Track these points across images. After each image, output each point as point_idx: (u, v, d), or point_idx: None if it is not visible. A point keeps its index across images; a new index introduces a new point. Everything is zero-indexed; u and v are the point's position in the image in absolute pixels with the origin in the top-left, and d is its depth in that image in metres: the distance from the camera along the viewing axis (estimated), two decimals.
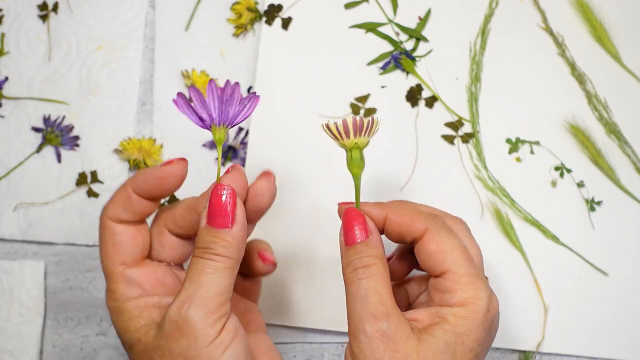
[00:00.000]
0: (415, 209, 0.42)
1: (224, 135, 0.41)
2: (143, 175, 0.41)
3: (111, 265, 0.42)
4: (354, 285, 0.39)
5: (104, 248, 0.42)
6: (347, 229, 0.41)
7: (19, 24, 0.63)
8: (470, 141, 0.59)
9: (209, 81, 0.40)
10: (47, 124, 0.61)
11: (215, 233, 0.39)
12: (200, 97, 0.40)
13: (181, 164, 0.41)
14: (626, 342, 0.56)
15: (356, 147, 0.41)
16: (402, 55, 0.60)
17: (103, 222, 0.42)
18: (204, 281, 0.38)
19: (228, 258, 0.38)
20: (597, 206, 0.58)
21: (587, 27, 0.61)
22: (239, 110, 0.41)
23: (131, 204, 0.42)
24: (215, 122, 0.41)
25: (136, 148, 0.60)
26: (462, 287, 0.38)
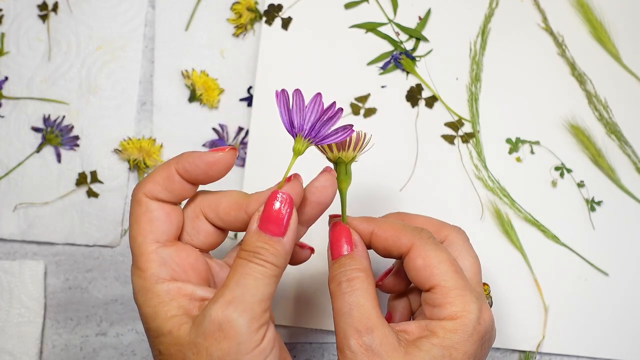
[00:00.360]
0: (400, 223, 0.42)
1: (304, 150, 0.40)
2: (190, 157, 0.40)
3: (144, 242, 0.39)
4: (338, 300, 0.39)
5: (137, 224, 0.40)
6: (333, 242, 0.41)
7: (19, 24, 0.63)
8: (471, 141, 0.59)
9: (316, 93, 0.39)
10: (47, 123, 0.61)
11: (267, 240, 0.38)
12: (301, 104, 0.39)
13: (231, 153, 0.40)
14: (626, 342, 0.56)
15: (341, 161, 0.41)
16: (402, 55, 0.60)
17: (137, 197, 0.40)
18: (251, 285, 0.36)
19: (275, 266, 0.38)
20: (598, 206, 0.58)
21: (587, 27, 0.61)
22: (330, 133, 0.40)
23: (172, 183, 0.40)
24: (303, 134, 0.40)
25: (136, 148, 0.60)
26: (451, 300, 0.38)
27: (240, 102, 0.62)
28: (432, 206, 0.58)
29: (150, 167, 0.60)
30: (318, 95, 0.39)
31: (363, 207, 0.58)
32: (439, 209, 0.58)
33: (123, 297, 0.59)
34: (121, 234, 0.60)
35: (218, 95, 0.61)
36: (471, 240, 0.57)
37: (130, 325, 0.59)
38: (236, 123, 0.61)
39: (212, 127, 0.61)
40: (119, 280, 0.59)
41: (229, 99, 0.62)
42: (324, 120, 0.39)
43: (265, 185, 0.58)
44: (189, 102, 0.61)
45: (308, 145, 0.40)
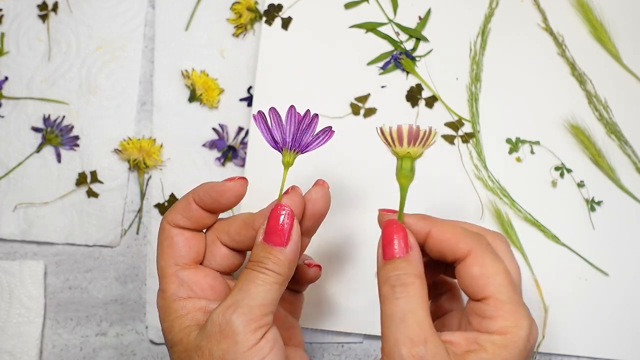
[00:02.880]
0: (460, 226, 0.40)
1: (293, 161, 0.43)
2: (205, 187, 0.43)
3: (165, 265, 0.43)
4: (391, 305, 0.38)
5: (160, 249, 0.44)
6: (387, 242, 0.40)
7: (19, 24, 0.63)
8: (471, 141, 0.59)
9: (289, 106, 0.42)
10: (46, 123, 0.61)
11: (270, 250, 0.40)
12: (278, 120, 0.42)
13: (241, 183, 0.43)
14: (626, 342, 0.56)
15: (408, 156, 0.40)
16: (402, 55, 0.60)
17: (162, 225, 0.44)
18: (252, 290, 0.39)
19: (278, 274, 0.40)
20: (598, 206, 0.58)
21: (587, 27, 0.61)
22: (312, 140, 0.43)
23: (190, 211, 0.43)
24: (288, 147, 0.43)
25: (136, 148, 0.60)
26: (503, 314, 0.37)
27: (240, 102, 0.62)
28: (432, 206, 0.58)
29: (150, 167, 0.60)
30: (291, 108, 0.42)
31: (363, 207, 0.58)
32: (439, 209, 0.58)
33: (123, 297, 0.59)
34: (121, 234, 0.60)
35: (218, 95, 0.61)
36: None
37: (130, 326, 0.59)
38: (236, 123, 0.61)
39: (212, 127, 0.61)
40: (118, 280, 0.59)
41: (229, 99, 0.62)
42: (303, 129, 0.42)
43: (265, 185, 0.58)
44: (189, 102, 0.61)
45: (295, 156, 0.43)
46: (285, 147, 0.43)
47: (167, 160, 0.61)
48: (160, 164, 0.60)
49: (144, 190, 0.60)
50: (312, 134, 0.43)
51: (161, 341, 0.58)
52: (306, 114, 0.42)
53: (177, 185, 0.60)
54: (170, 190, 0.60)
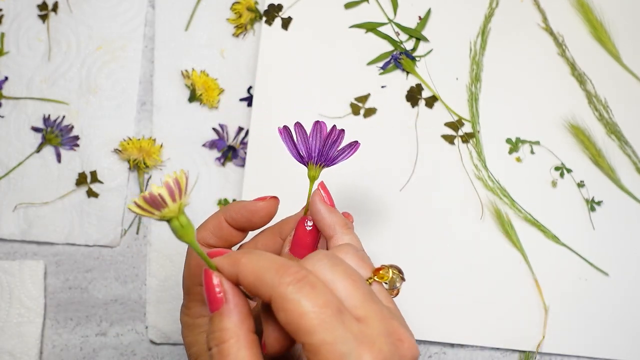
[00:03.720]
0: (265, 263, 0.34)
1: (318, 174, 0.43)
2: (236, 206, 0.43)
3: (191, 283, 0.42)
4: None
5: (187, 266, 0.43)
6: (206, 294, 0.36)
7: (19, 24, 0.63)
8: (471, 141, 0.59)
9: (315, 122, 0.42)
10: (46, 123, 0.61)
11: None
12: (304, 135, 0.42)
13: (272, 202, 0.43)
14: (626, 342, 0.56)
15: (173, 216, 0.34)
16: (402, 55, 0.60)
17: None
18: None
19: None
20: (598, 206, 0.58)
21: (587, 27, 0.61)
22: (338, 154, 0.43)
23: (221, 229, 0.43)
24: (313, 161, 0.43)
25: (136, 148, 0.60)
26: (322, 358, 0.32)
27: (240, 102, 0.61)
28: (432, 206, 0.58)
29: (150, 167, 0.60)
30: (317, 122, 0.42)
31: (363, 207, 0.58)
32: (438, 209, 0.58)
33: (123, 297, 0.59)
34: (121, 234, 0.60)
35: (218, 95, 0.61)
36: (471, 241, 0.57)
37: (130, 326, 0.59)
38: (236, 123, 0.61)
39: (212, 127, 0.61)
40: (118, 280, 0.59)
41: (229, 99, 0.62)
42: (328, 145, 0.42)
43: (265, 185, 0.58)
44: (189, 102, 0.61)
45: (321, 170, 0.43)
46: (310, 161, 0.43)
47: (167, 160, 0.61)
48: (160, 164, 0.60)
49: (144, 190, 0.60)
50: (338, 148, 0.43)
51: (161, 341, 0.58)
52: (333, 130, 0.42)
53: None
54: None
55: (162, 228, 0.59)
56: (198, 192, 0.60)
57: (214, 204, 0.60)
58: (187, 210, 0.60)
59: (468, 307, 0.57)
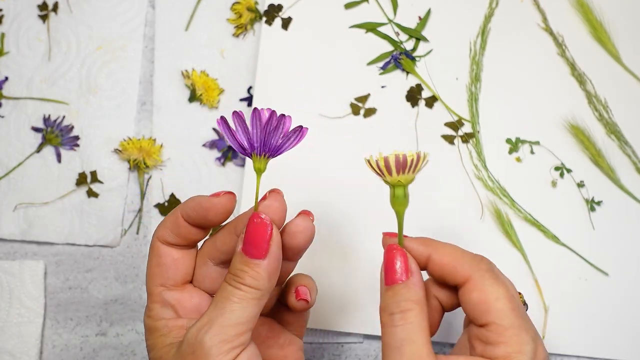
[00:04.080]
0: (460, 250, 0.40)
1: (264, 166, 0.40)
2: (192, 202, 0.41)
3: (151, 284, 0.42)
4: (388, 333, 0.37)
5: (149, 267, 0.42)
6: (388, 267, 0.39)
7: (19, 24, 0.63)
8: (471, 141, 0.59)
9: (253, 109, 0.39)
10: (47, 123, 0.61)
11: (247, 262, 0.38)
12: (242, 125, 0.39)
13: (227, 198, 0.41)
14: (626, 342, 0.56)
15: (399, 184, 0.39)
16: (402, 55, 0.60)
17: (153, 242, 0.42)
18: (227, 309, 0.37)
19: (255, 289, 0.38)
20: (597, 206, 0.58)
21: (587, 27, 0.61)
22: (282, 142, 0.40)
23: (178, 227, 0.41)
24: (257, 152, 0.40)
25: (136, 148, 0.60)
26: (505, 340, 0.36)
27: (240, 102, 0.62)
28: (432, 206, 0.58)
29: (150, 167, 0.60)
30: (255, 110, 0.39)
31: (363, 207, 0.58)
32: (439, 209, 0.58)
33: (123, 297, 0.59)
34: (121, 234, 0.60)
35: (218, 95, 0.61)
36: (471, 241, 0.57)
37: (130, 326, 0.59)
38: None
39: (212, 127, 0.61)
40: (118, 280, 0.60)
41: (229, 99, 0.62)
42: (270, 132, 0.39)
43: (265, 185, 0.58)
44: (189, 102, 0.61)
45: (267, 161, 0.40)
46: (254, 152, 0.40)
47: (167, 160, 0.61)
48: (160, 164, 0.60)
49: (144, 190, 0.60)
50: (282, 135, 0.39)
51: None
52: (271, 117, 0.39)
53: (178, 185, 0.60)
54: (171, 190, 0.60)
55: None
56: (197, 191, 0.60)
57: None
58: None
59: None
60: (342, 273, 0.57)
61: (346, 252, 0.57)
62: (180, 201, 0.59)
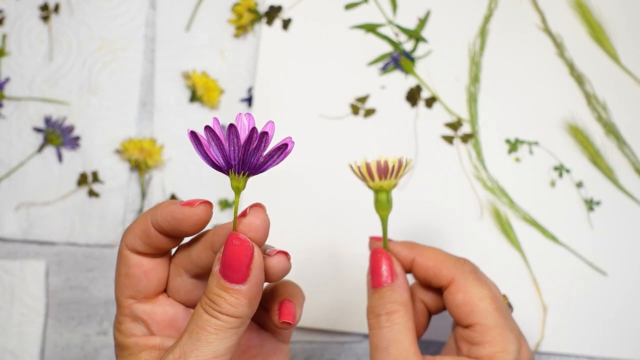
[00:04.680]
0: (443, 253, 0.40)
1: (243, 185, 0.35)
2: (163, 211, 0.36)
3: (120, 296, 0.38)
4: (375, 335, 0.38)
5: (117, 277, 0.38)
6: (374, 270, 0.40)
7: (21, 25, 0.64)
8: (470, 141, 0.59)
9: (229, 125, 0.33)
10: (48, 124, 0.61)
11: (225, 287, 0.34)
12: (217, 141, 0.34)
13: (202, 208, 0.35)
14: (625, 341, 0.56)
15: (382, 189, 0.40)
16: (402, 56, 0.60)
17: (120, 248, 0.38)
18: (202, 340, 0.33)
19: (234, 318, 0.34)
20: (596, 206, 0.58)
21: (585, 27, 0.61)
22: (264, 160, 0.34)
23: (148, 237, 0.37)
24: (235, 170, 0.35)
25: (137, 148, 0.60)
26: (490, 340, 0.37)
27: (240, 103, 0.62)
28: (432, 206, 0.58)
29: (151, 167, 0.60)
30: (231, 126, 0.33)
31: (363, 207, 0.58)
32: (438, 209, 0.58)
33: None
34: (122, 233, 0.60)
35: (218, 96, 0.61)
36: (470, 241, 0.58)
37: None
38: None
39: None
40: None
41: (229, 99, 0.62)
42: (250, 151, 0.34)
43: (265, 185, 0.58)
44: (189, 103, 0.62)
45: (246, 179, 0.35)
46: (231, 171, 0.35)
47: (168, 160, 0.61)
48: (161, 164, 0.61)
49: (145, 190, 0.60)
50: (263, 154, 0.34)
51: None
52: (251, 134, 0.33)
53: (178, 185, 0.60)
54: (171, 190, 0.60)
55: None
56: (198, 192, 0.60)
57: (215, 204, 0.60)
58: None
59: None
60: (343, 273, 0.57)
61: (347, 251, 0.58)
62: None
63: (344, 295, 0.57)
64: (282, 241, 0.57)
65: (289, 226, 0.58)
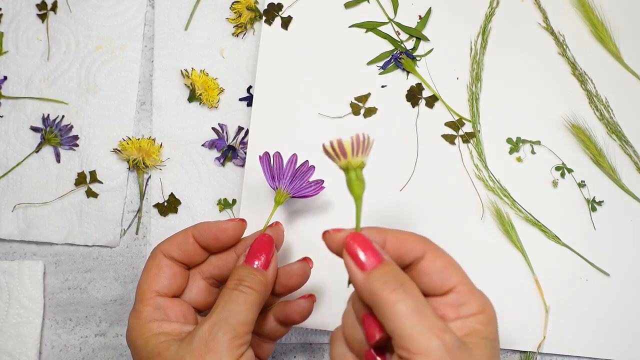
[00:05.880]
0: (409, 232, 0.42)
1: (283, 200, 0.51)
2: (205, 224, 0.48)
3: (147, 289, 0.46)
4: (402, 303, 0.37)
5: (146, 273, 0.47)
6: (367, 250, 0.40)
7: (18, 23, 0.63)
8: (471, 141, 0.59)
9: (292, 154, 0.51)
10: (46, 123, 0.61)
11: (251, 269, 0.45)
12: (279, 163, 0.51)
13: (241, 224, 0.48)
14: (627, 342, 0.56)
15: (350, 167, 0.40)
16: (403, 55, 0.60)
17: (154, 252, 0.47)
18: (235, 310, 0.42)
19: (257, 292, 0.44)
20: (598, 206, 0.58)
21: (588, 26, 0.61)
22: (304, 186, 0.51)
23: (187, 245, 0.47)
24: (282, 188, 0.51)
25: (135, 148, 0.59)
26: (474, 296, 0.39)
27: (240, 102, 0.61)
28: (433, 206, 0.58)
29: (149, 167, 0.60)
30: (294, 155, 0.51)
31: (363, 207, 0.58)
32: (439, 209, 0.58)
33: (122, 298, 0.59)
34: (120, 234, 0.60)
35: (218, 95, 0.61)
36: (472, 241, 0.57)
37: None
38: (236, 123, 0.61)
39: (212, 126, 0.61)
40: (118, 280, 0.59)
41: (228, 98, 0.61)
42: (299, 175, 0.51)
43: (265, 185, 0.58)
44: (188, 102, 0.61)
45: (287, 197, 0.51)
46: (279, 187, 0.51)
47: (166, 160, 0.60)
48: (159, 164, 0.60)
49: (144, 190, 0.60)
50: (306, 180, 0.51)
51: None
52: (305, 163, 0.51)
53: (177, 185, 0.60)
54: (170, 190, 0.60)
55: (162, 228, 0.59)
56: (197, 191, 0.60)
57: (214, 204, 0.59)
58: (185, 210, 0.60)
59: None
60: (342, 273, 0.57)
61: None
62: (179, 201, 0.59)
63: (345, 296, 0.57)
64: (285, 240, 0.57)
65: (290, 223, 0.58)
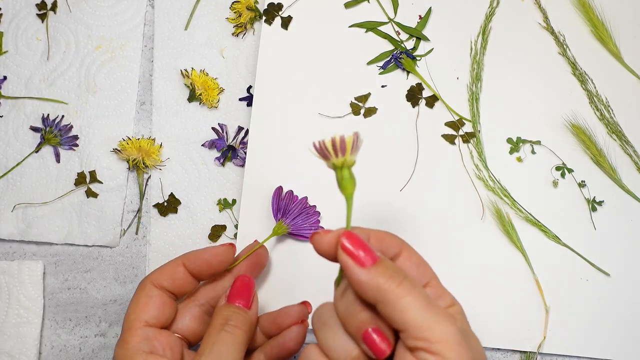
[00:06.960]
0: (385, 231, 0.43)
1: (281, 232, 0.55)
2: (196, 251, 0.49)
3: (135, 319, 0.46)
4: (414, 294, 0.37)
5: (135, 303, 0.47)
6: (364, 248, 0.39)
7: (17, 23, 0.63)
8: (471, 141, 0.59)
9: (304, 196, 0.56)
10: (45, 123, 0.61)
11: (236, 308, 0.46)
12: (288, 200, 0.55)
13: (229, 249, 0.50)
14: (628, 342, 0.56)
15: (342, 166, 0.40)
16: (403, 55, 0.60)
17: (144, 283, 0.48)
18: (224, 352, 0.43)
19: (244, 332, 0.44)
20: (599, 206, 0.58)
21: (588, 26, 0.61)
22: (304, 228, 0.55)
23: (177, 273, 0.48)
24: (284, 221, 0.55)
25: (135, 148, 0.59)
26: (445, 291, 0.42)
27: (239, 102, 0.61)
28: (433, 206, 0.58)
29: (149, 167, 0.60)
30: (305, 198, 0.56)
31: (363, 207, 0.58)
32: (439, 209, 0.58)
33: (122, 298, 0.59)
34: (120, 234, 0.60)
35: (217, 95, 0.61)
36: (472, 241, 0.57)
37: None
38: (236, 123, 0.61)
39: (212, 126, 0.61)
40: (118, 280, 0.59)
41: (228, 98, 0.61)
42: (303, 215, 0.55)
43: (265, 186, 0.58)
44: (188, 102, 0.61)
45: (285, 231, 0.55)
46: (281, 219, 0.54)
47: (166, 160, 0.60)
48: (159, 164, 0.60)
49: (143, 190, 0.60)
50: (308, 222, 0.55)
51: None
52: (311, 208, 0.56)
53: (177, 185, 0.60)
54: (170, 190, 0.60)
55: (162, 228, 0.59)
56: (197, 192, 0.60)
57: (214, 204, 0.59)
58: (185, 210, 0.60)
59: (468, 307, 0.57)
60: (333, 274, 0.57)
61: None
62: (179, 201, 0.59)
63: None
64: (284, 240, 0.57)
65: None
